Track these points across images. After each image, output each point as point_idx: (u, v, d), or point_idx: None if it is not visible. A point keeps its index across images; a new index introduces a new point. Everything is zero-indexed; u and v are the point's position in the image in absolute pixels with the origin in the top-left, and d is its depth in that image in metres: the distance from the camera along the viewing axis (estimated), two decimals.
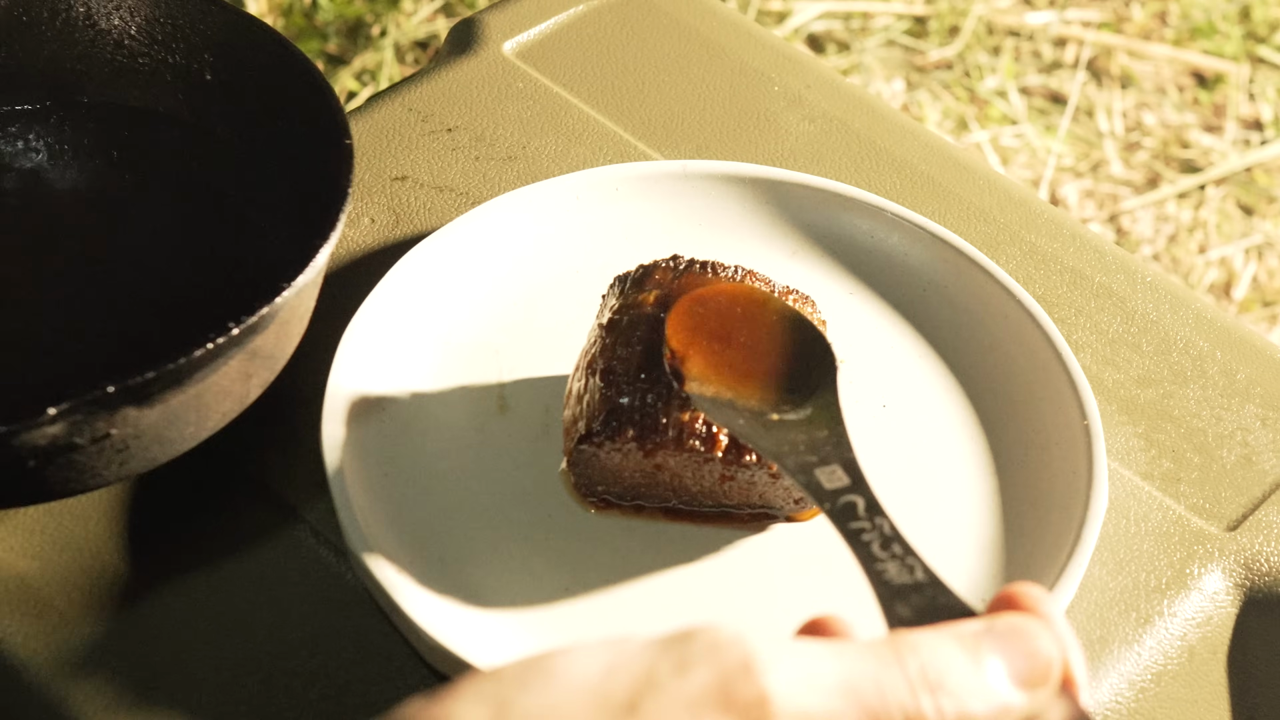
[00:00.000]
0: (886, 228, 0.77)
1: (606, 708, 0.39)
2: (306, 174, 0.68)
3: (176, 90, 0.73)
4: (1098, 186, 1.59)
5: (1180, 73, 1.70)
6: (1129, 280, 0.79)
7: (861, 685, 0.41)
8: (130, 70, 0.73)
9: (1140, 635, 0.66)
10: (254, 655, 0.63)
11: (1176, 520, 0.70)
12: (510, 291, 0.74)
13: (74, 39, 0.73)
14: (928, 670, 0.42)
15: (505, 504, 0.67)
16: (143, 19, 0.72)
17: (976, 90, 1.65)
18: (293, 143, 0.70)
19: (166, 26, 0.72)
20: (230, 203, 0.73)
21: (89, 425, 0.57)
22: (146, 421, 0.59)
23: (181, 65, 0.73)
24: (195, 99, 0.73)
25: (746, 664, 0.40)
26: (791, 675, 0.40)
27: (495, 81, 0.86)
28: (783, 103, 0.87)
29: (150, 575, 0.65)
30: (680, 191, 0.78)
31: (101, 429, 0.58)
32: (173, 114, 0.74)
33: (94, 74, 0.74)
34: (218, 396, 0.62)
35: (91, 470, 0.60)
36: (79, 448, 0.58)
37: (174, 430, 0.61)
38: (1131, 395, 0.74)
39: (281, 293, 0.60)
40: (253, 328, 0.60)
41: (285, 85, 0.70)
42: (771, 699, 0.39)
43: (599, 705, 0.39)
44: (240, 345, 0.60)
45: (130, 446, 0.60)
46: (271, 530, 0.67)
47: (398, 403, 0.69)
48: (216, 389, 0.61)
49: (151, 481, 0.68)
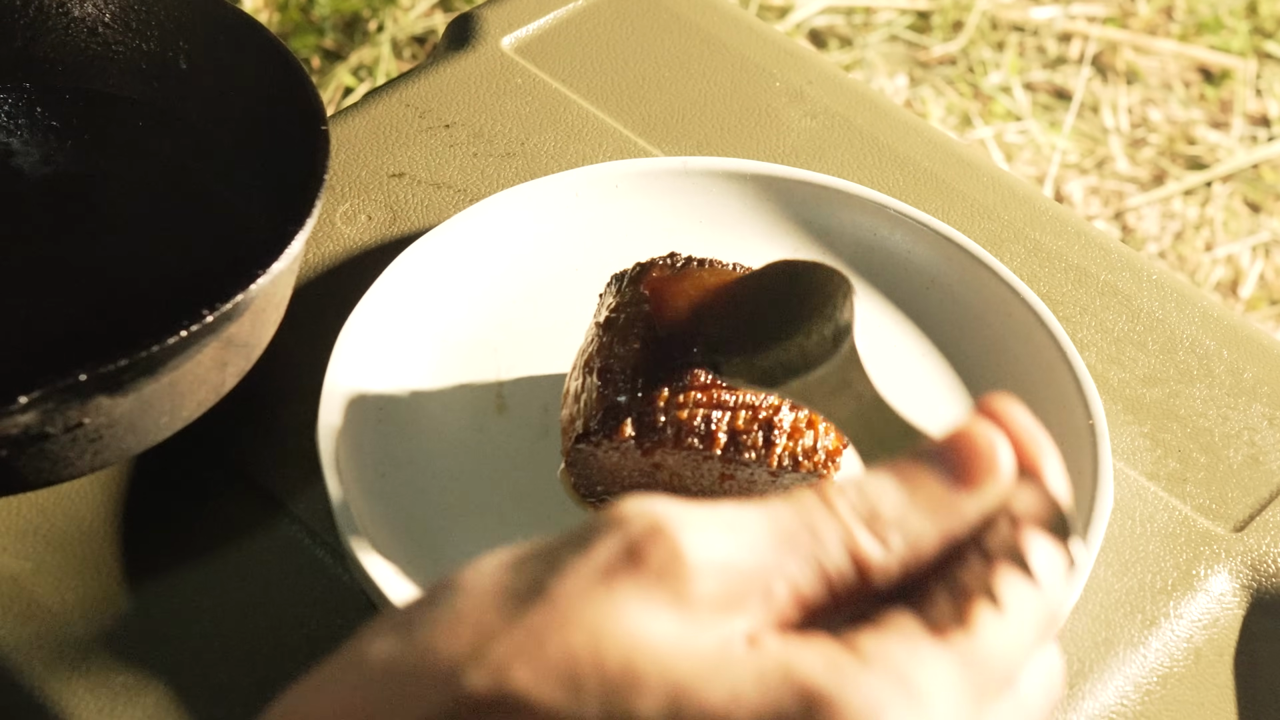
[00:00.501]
0: (889, 225, 0.77)
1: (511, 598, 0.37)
2: (284, 162, 0.68)
3: (152, 77, 0.74)
4: (1103, 183, 1.59)
5: (1186, 68, 1.70)
6: (1134, 278, 0.79)
7: (791, 530, 0.38)
8: (104, 57, 0.74)
9: (1146, 637, 0.66)
10: (249, 658, 0.63)
11: (1182, 521, 0.70)
12: (509, 289, 0.74)
13: (47, 26, 0.74)
14: (859, 505, 0.39)
15: (504, 504, 0.67)
16: (117, 6, 0.72)
17: (980, 86, 1.65)
18: (270, 130, 0.70)
19: (140, 13, 0.72)
20: (206, 191, 0.73)
21: (61, 414, 0.57)
22: (120, 410, 0.59)
23: (156, 52, 0.73)
24: (170, 87, 0.74)
25: (656, 526, 0.37)
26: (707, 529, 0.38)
27: (494, 77, 0.86)
28: (784, 99, 0.87)
29: (145, 577, 0.65)
30: (680, 188, 0.78)
31: (74, 418, 0.58)
32: (148, 101, 0.74)
33: (68, 61, 0.74)
34: (192, 385, 0.62)
35: (65, 460, 0.60)
36: (51, 437, 0.58)
37: (148, 419, 0.61)
38: (1137, 394, 0.74)
39: (256, 280, 0.60)
40: (227, 315, 0.60)
41: (261, 72, 0.70)
42: (686, 553, 0.37)
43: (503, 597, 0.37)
44: (215, 333, 0.60)
45: (104, 436, 0.60)
46: (267, 532, 0.67)
47: (395, 402, 0.69)
48: (191, 377, 0.61)
49: (146, 482, 0.68)
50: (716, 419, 0.63)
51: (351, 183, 0.80)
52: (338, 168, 0.81)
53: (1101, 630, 0.66)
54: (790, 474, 0.63)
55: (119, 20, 0.72)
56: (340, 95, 1.57)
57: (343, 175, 0.80)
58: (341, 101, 1.56)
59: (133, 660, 0.63)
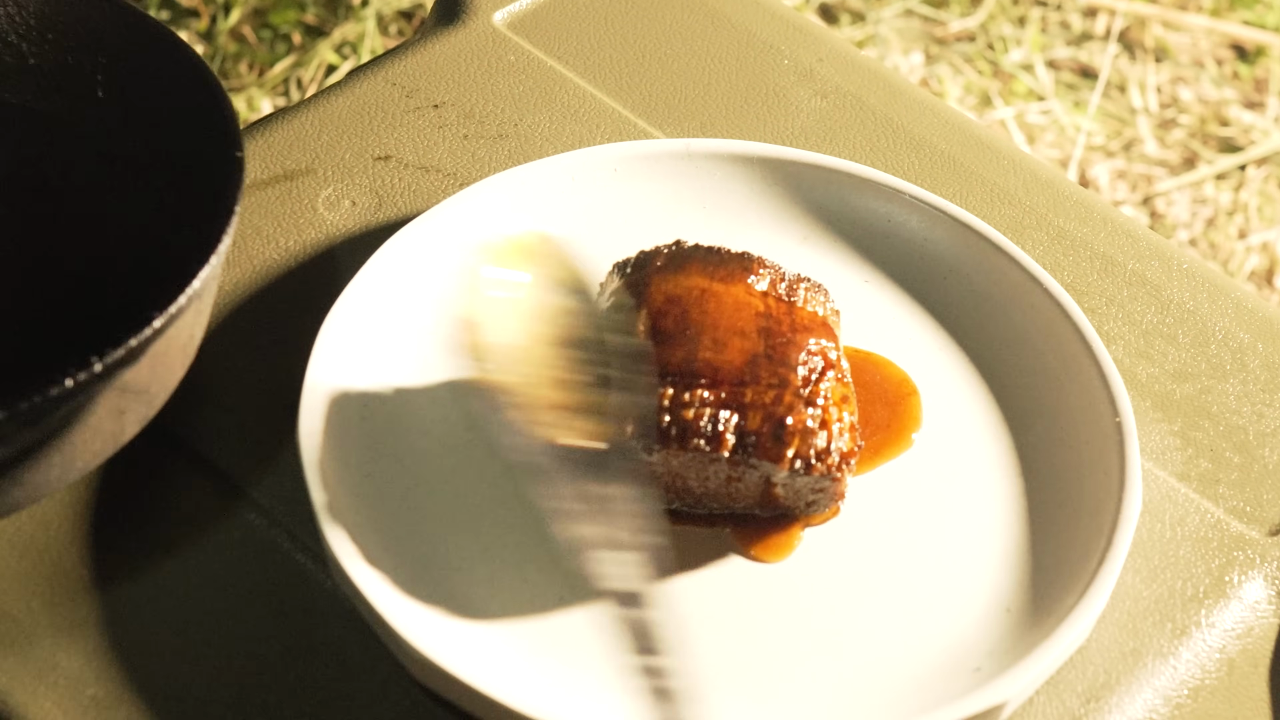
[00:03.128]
0: (904, 211, 0.77)
1: None
2: (198, 188, 0.66)
3: (65, 92, 0.72)
4: (1130, 167, 1.59)
5: (1219, 45, 1.70)
6: (1164, 267, 0.79)
7: None
8: (16, 70, 0.72)
9: (1176, 647, 0.66)
10: (227, 669, 0.63)
11: (1215, 524, 0.70)
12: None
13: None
14: None
15: (497, 508, 0.67)
16: (30, 15, 0.71)
17: (1000, 64, 1.65)
18: (185, 153, 0.68)
19: (55, 24, 0.71)
20: (117, 214, 0.71)
21: None
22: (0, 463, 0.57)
23: (71, 65, 0.71)
24: (84, 102, 0.72)
25: None
26: None
27: (485, 54, 0.86)
28: (793, 77, 0.87)
29: (116, 583, 0.65)
30: (683, 172, 0.78)
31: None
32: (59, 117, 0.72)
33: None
34: (86, 436, 0.60)
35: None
36: None
37: (37, 473, 0.60)
38: (1167, 390, 0.74)
39: (151, 323, 0.58)
40: (120, 362, 0.58)
41: (178, 90, 0.69)
42: None
43: None
44: (107, 381, 0.58)
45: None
46: (245, 536, 0.67)
47: (380, 399, 0.69)
48: (84, 428, 0.59)
49: (117, 483, 0.68)
50: (724, 419, 0.63)
51: (334, 166, 0.80)
52: (320, 150, 0.81)
53: (1129, 640, 0.66)
54: (802, 477, 0.63)
55: (32, 31, 0.71)
56: (323, 73, 1.57)
57: (325, 158, 0.80)
58: (324, 80, 1.56)
59: (104, 671, 0.63)
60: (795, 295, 0.67)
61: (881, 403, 0.71)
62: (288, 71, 1.56)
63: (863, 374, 0.71)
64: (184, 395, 0.70)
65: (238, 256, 0.76)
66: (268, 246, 0.76)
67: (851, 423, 0.64)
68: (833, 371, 0.65)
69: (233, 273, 0.75)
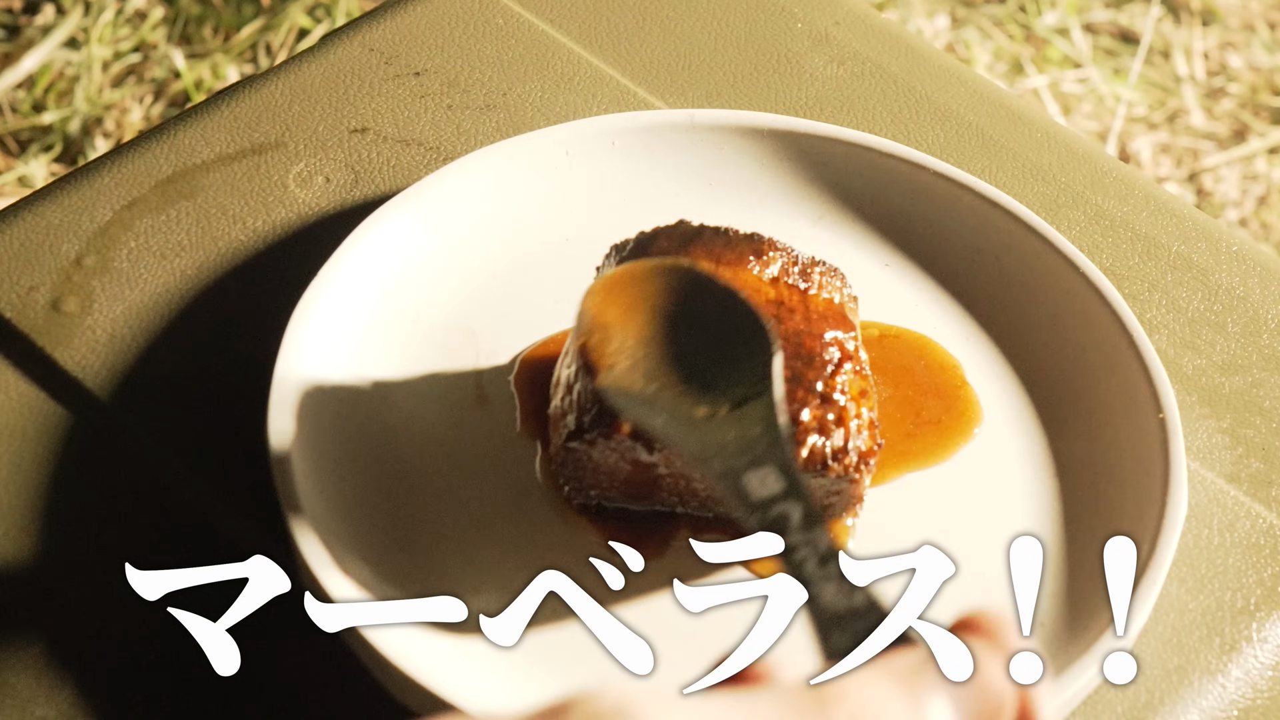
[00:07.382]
0: (928, 188, 0.77)
1: None
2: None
3: None
4: (1175, 140, 1.58)
5: (1271, 6, 1.70)
6: (1211, 249, 0.79)
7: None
8: None
9: (1225, 664, 0.66)
10: (195, 694, 0.63)
11: (1267, 530, 0.70)
12: (489, 263, 0.74)
13: None
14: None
15: (484, 512, 0.67)
16: None
17: (1033, 27, 1.65)
18: None
19: None
20: None
21: None
22: None
23: None
24: None
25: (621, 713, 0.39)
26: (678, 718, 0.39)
27: (471, 17, 0.86)
28: (807, 42, 0.86)
29: (67, 596, 0.65)
30: (687, 146, 0.78)
31: None
32: None
33: None
34: None
35: None
36: None
37: None
38: (1215, 384, 0.74)
39: None
40: None
41: None
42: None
43: None
44: None
45: None
46: (208, 541, 0.67)
47: (357, 394, 0.69)
48: None
49: (68, 482, 0.68)
50: None
51: (307, 139, 0.80)
52: (290, 121, 0.81)
53: (1174, 656, 0.66)
54: (819, 477, 0.63)
55: None
56: (294, 38, 1.57)
57: (296, 130, 0.80)
58: (295, 46, 1.56)
59: (56, 691, 0.63)
60: (809, 280, 0.67)
61: (933, 394, 0.71)
62: (256, 36, 1.56)
63: (903, 358, 0.71)
64: (143, 388, 0.70)
65: (201, 237, 0.76)
66: (234, 227, 0.76)
67: (871, 419, 0.64)
68: (850, 363, 0.65)
69: (196, 255, 0.75)
